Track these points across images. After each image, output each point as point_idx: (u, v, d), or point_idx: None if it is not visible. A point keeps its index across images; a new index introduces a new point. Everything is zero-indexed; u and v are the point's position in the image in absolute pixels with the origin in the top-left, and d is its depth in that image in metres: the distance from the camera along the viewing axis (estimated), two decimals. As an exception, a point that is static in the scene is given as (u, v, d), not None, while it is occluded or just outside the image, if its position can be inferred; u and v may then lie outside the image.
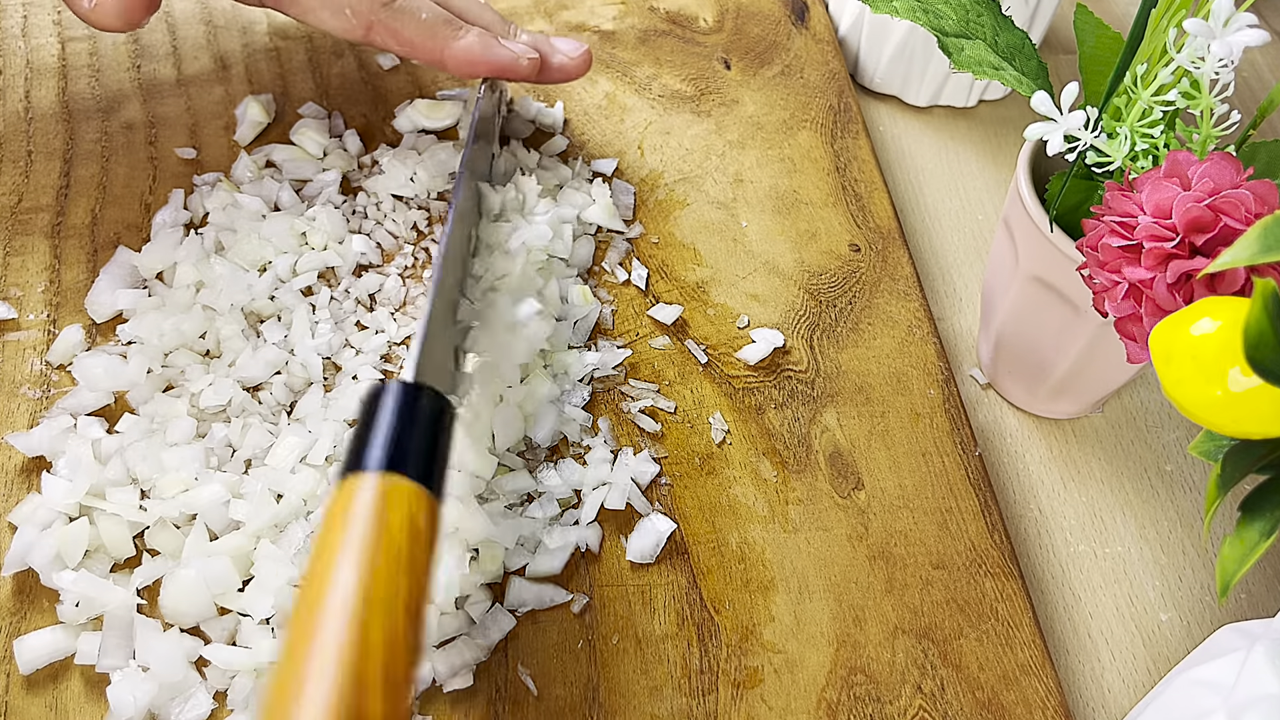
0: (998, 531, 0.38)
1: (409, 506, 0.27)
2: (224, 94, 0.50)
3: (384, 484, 0.27)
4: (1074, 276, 0.35)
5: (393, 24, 0.42)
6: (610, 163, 0.48)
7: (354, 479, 0.27)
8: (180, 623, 0.34)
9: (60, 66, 0.50)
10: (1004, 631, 0.36)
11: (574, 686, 0.34)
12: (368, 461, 0.28)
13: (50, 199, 0.45)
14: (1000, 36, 0.36)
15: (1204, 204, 0.27)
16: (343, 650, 0.24)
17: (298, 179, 0.46)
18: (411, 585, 0.26)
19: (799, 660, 0.35)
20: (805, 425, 0.41)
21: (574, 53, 0.46)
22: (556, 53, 0.45)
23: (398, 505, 0.27)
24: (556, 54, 0.45)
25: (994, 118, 0.55)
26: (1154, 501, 0.42)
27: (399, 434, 0.28)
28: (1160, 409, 0.45)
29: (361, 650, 0.24)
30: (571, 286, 0.43)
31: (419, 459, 0.28)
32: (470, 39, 0.43)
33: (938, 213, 0.51)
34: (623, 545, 0.37)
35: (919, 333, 0.44)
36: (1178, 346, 0.24)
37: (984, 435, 0.44)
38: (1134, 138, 0.32)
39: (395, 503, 0.27)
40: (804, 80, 0.53)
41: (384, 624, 0.24)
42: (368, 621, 0.24)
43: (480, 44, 0.43)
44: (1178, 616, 0.39)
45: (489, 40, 0.43)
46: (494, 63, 0.43)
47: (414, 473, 0.28)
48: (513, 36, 0.45)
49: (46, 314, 0.42)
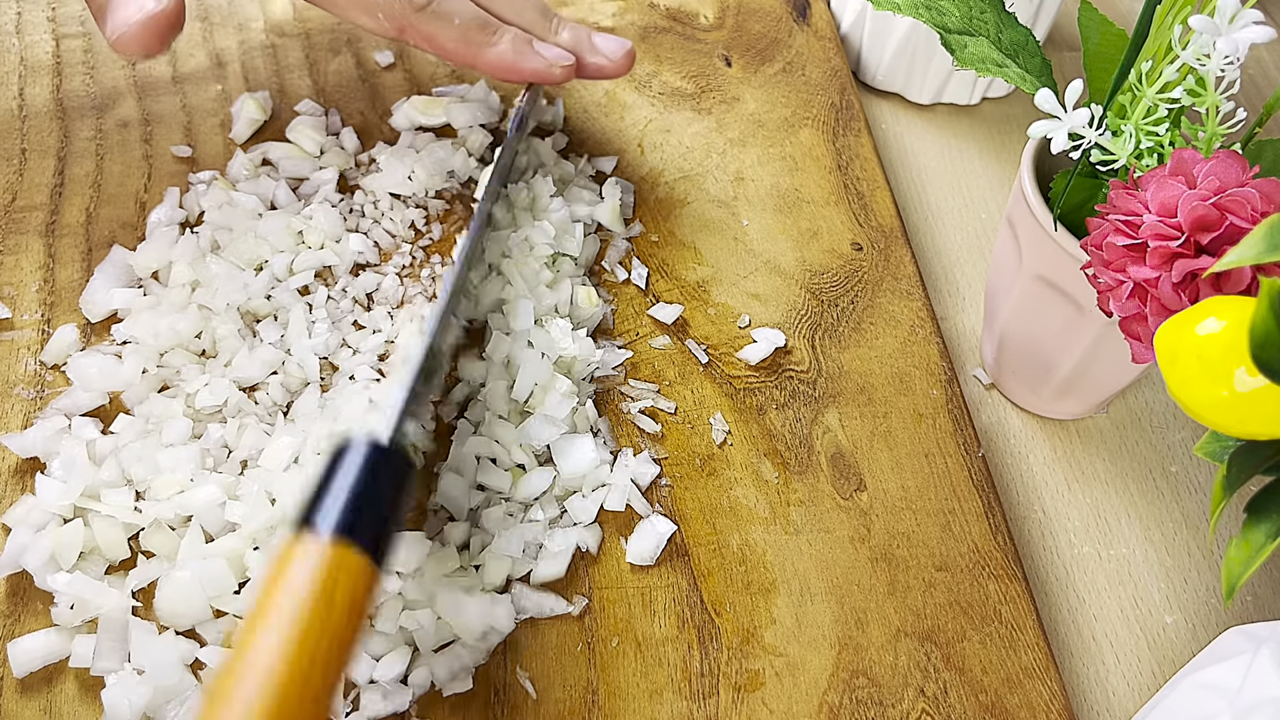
0: (1001, 533, 0.38)
1: (354, 583, 0.27)
2: (220, 91, 0.50)
3: (335, 554, 0.27)
4: (1078, 276, 0.35)
5: (426, 28, 0.41)
6: (610, 160, 0.48)
7: (306, 539, 0.27)
8: (176, 625, 0.34)
9: (54, 63, 0.50)
10: (1008, 634, 0.36)
11: (573, 690, 0.34)
12: (323, 524, 0.28)
13: (44, 197, 0.45)
14: (1004, 33, 0.36)
15: (1209, 202, 0.27)
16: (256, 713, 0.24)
17: (294, 177, 0.46)
18: (338, 658, 0.26)
19: (800, 663, 0.35)
20: (807, 426, 0.41)
21: (615, 54, 0.44)
22: (596, 52, 0.44)
23: (344, 582, 0.27)
24: (596, 54, 0.44)
25: (997, 115, 0.55)
26: (1159, 503, 0.42)
27: (360, 499, 0.28)
28: (1165, 409, 0.45)
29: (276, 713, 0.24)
30: (578, 287, 0.43)
31: (374, 529, 0.28)
32: (503, 46, 0.42)
33: (940, 211, 0.51)
34: (622, 547, 0.37)
35: (922, 332, 0.44)
36: (1183, 346, 0.24)
37: (987, 436, 0.44)
38: (1139, 135, 0.32)
39: (343, 579, 0.27)
40: (805, 78, 0.53)
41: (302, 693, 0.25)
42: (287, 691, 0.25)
43: (513, 51, 0.42)
44: (1183, 619, 0.39)
45: (523, 47, 0.42)
46: (526, 71, 0.42)
47: (366, 542, 0.28)
48: (554, 33, 0.44)
49: (40, 313, 0.42)
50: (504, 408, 0.39)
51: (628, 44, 0.45)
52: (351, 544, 0.27)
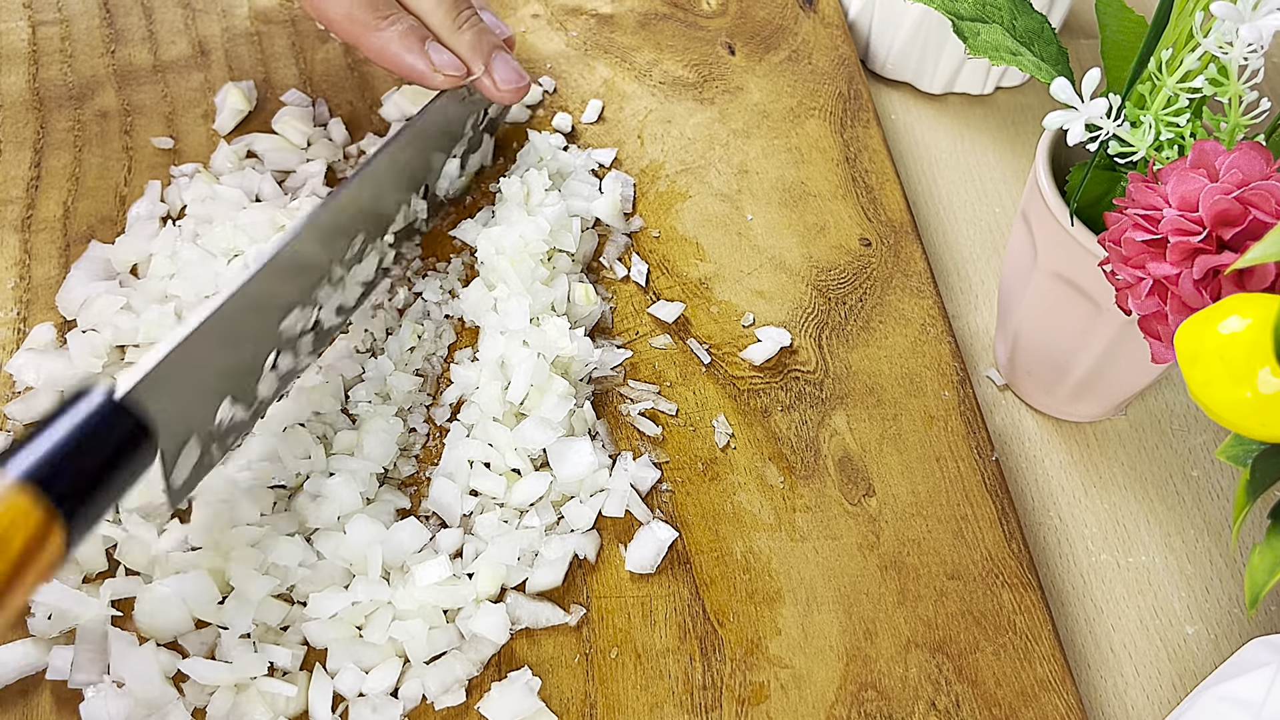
0: (1015, 540, 0.38)
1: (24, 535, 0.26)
2: (203, 80, 0.50)
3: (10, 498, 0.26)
4: (1096, 272, 0.35)
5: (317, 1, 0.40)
6: (609, 153, 0.48)
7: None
8: (157, 637, 0.34)
9: (31, 51, 0.50)
10: (1022, 645, 0.36)
11: (571, 702, 0.34)
12: (12, 466, 0.27)
13: (20, 191, 0.45)
14: (1018, 20, 0.36)
15: (1232, 196, 0.27)
16: None
17: (280, 170, 0.46)
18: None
19: (807, 675, 0.35)
20: (813, 428, 0.41)
21: (506, 84, 0.43)
22: (489, 73, 0.42)
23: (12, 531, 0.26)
24: (487, 75, 0.42)
25: (1012, 105, 0.55)
26: (1180, 509, 0.42)
27: (63, 451, 0.27)
28: (1186, 411, 0.45)
29: None
30: (575, 285, 0.43)
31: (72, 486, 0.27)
32: (389, 34, 0.40)
33: (952, 205, 0.51)
34: (622, 555, 0.37)
35: (933, 331, 0.44)
36: (1204, 346, 0.24)
37: (1001, 439, 0.44)
38: (1159, 126, 0.32)
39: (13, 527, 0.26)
40: (812, 66, 0.53)
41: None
42: None
43: (399, 43, 0.40)
44: (1205, 629, 0.39)
45: (411, 41, 0.41)
46: (405, 68, 0.41)
47: (57, 498, 0.27)
48: (457, 31, 0.42)
49: (16, 311, 0.42)
50: (498, 410, 0.39)
51: (525, 80, 0.43)
52: (38, 495, 0.26)
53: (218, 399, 0.34)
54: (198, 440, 0.33)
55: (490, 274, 0.42)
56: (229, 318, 0.33)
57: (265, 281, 0.35)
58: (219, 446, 0.35)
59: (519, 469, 0.38)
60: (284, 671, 0.34)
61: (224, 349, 0.34)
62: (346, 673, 0.34)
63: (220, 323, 0.33)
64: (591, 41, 0.53)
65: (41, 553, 0.27)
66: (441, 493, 0.37)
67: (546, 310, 0.42)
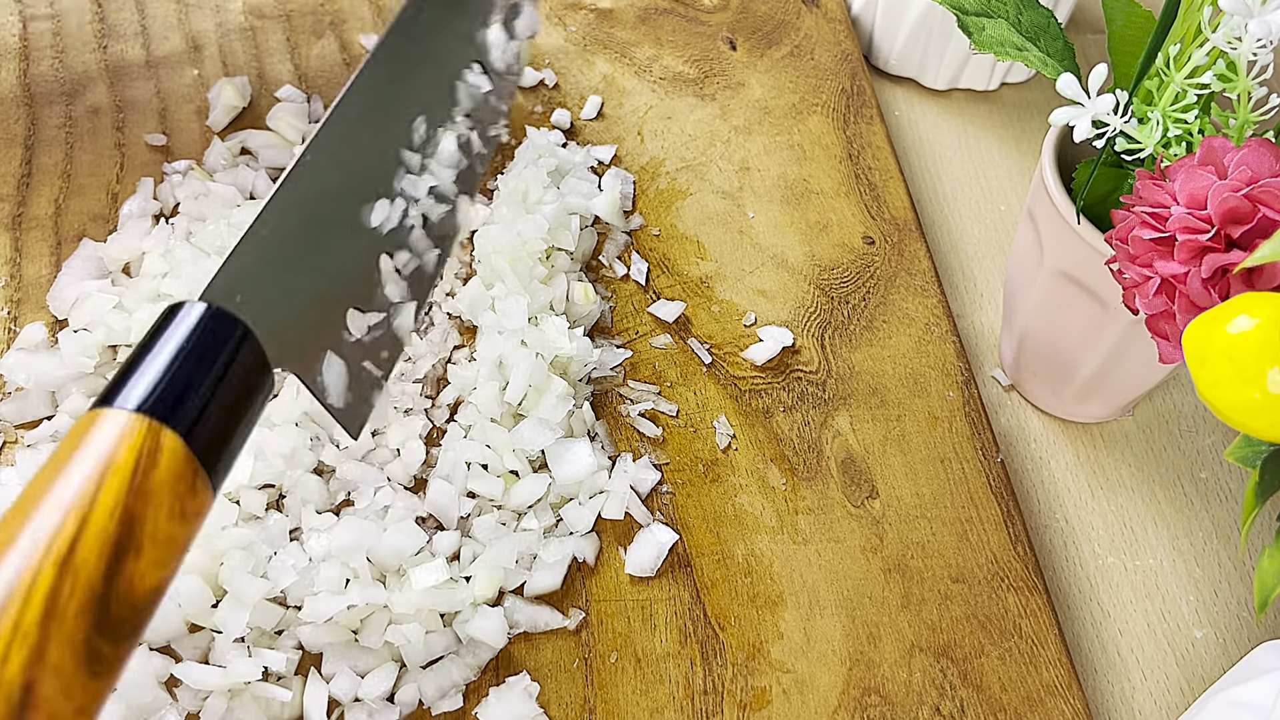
0: (1021, 543, 0.38)
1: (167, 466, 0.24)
2: (196, 76, 0.50)
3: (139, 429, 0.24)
4: (1102, 271, 0.35)
5: None
6: (608, 150, 0.48)
7: (104, 416, 0.24)
8: (150, 641, 0.34)
9: (21, 47, 0.50)
10: (1028, 649, 0.36)
11: (570, 708, 0.34)
12: (125, 398, 0.24)
13: (11, 188, 0.45)
14: (1024, 15, 0.36)
15: (1241, 194, 0.27)
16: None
17: (275, 167, 0.46)
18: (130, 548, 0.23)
19: (809, 680, 0.35)
20: (816, 429, 0.41)
21: None
22: None
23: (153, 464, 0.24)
24: None
25: (1017, 101, 0.55)
26: (1188, 511, 0.42)
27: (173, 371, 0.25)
28: (1194, 412, 0.45)
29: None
30: (574, 283, 0.43)
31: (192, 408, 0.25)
32: None
33: (957, 203, 0.51)
34: (621, 557, 0.37)
35: (937, 331, 0.44)
36: (1213, 345, 0.24)
37: (1006, 440, 0.44)
38: (1166, 123, 0.32)
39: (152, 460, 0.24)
40: (814, 62, 0.53)
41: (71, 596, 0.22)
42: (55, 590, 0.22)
43: None
44: (1213, 633, 0.39)
45: None
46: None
47: (181, 424, 0.25)
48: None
49: (7, 310, 0.42)
50: (496, 410, 0.39)
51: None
52: (162, 423, 0.24)
53: (336, 307, 0.32)
54: (338, 356, 0.31)
55: (488, 272, 0.42)
56: (296, 209, 0.31)
57: (322, 172, 0.33)
58: (373, 363, 0.33)
59: (517, 470, 0.38)
60: (279, 676, 0.34)
61: (307, 245, 0.32)
62: (342, 677, 0.34)
63: (286, 215, 0.31)
64: (591, 37, 0.53)
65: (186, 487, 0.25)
66: (439, 494, 0.37)
67: (545, 309, 0.42)
